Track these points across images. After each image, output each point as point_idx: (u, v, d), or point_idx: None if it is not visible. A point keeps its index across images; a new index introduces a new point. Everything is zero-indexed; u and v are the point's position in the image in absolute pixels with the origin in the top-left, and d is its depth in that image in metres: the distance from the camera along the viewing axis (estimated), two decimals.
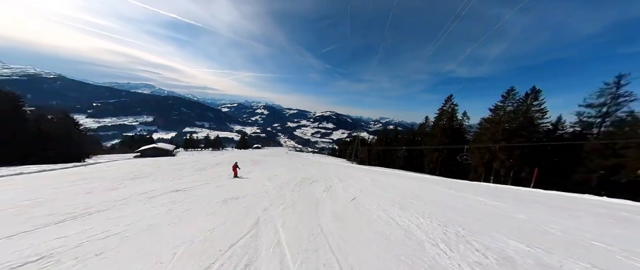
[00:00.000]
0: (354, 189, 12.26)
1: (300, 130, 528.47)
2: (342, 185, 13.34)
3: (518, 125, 24.06)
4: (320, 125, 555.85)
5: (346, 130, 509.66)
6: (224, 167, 20.73)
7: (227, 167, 20.70)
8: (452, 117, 36.40)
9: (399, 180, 17.44)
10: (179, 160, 27.94)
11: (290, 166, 23.42)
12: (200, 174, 16.64)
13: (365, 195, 10.72)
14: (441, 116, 38.22)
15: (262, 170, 20.39)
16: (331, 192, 11.07)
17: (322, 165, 26.81)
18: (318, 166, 25.62)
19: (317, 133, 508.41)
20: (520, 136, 23.85)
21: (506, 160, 24.12)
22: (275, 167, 22.25)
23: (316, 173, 18.53)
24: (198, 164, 21.95)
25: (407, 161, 39.71)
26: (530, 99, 24.87)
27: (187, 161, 25.27)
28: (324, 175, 17.92)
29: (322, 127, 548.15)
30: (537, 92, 24.56)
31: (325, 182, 14.17)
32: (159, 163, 22.67)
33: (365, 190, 12.01)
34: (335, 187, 12.56)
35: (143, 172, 16.39)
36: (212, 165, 21.08)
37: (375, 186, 13.42)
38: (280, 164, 24.00)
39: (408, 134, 42.17)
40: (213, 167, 21.09)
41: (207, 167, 20.67)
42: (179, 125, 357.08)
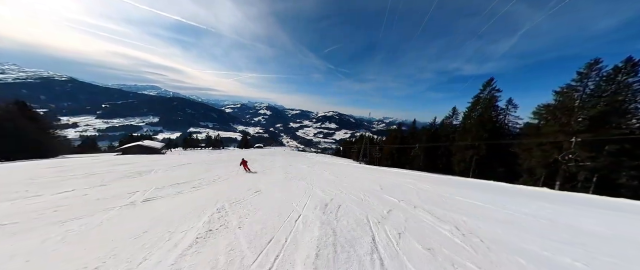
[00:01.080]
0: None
1: (302, 130, 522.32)
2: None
3: (607, 110, 16.40)
4: (323, 126, 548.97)
5: (349, 130, 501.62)
6: (174, 172, 13.56)
7: (193, 168, 14.06)
8: (492, 107, 28.67)
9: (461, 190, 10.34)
10: (148, 160, 21.26)
11: (286, 173, 16.08)
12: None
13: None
14: (475, 105, 30.32)
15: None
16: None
17: (332, 168, 19.55)
18: (327, 168, 18.47)
19: (319, 133, 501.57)
20: (608, 126, 16.51)
21: (588, 160, 16.62)
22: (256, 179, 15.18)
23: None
24: (149, 166, 14.97)
25: (429, 161, 32.30)
26: (623, 74, 17.15)
27: (144, 163, 18.56)
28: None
29: (324, 127, 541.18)
30: (635, 64, 16.85)
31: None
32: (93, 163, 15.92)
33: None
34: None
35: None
36: (164, 168, 14.30)
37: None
38: (268, 169, 17.13)
39: (428, 131, 34.82)
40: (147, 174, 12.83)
41: (144, 173, 12.93)
42: (183, 125, 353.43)
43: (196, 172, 12.61)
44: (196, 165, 15.12)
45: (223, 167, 14.99)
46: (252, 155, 32.89)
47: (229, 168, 14.44)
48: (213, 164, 16.19)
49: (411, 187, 11.13)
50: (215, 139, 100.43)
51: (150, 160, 16.79)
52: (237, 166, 14.50)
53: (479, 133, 26.60)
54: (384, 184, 11.72)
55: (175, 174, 12.11)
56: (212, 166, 15.27)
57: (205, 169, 13.89)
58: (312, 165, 20.08)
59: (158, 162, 15.96)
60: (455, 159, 29.11)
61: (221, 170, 13.45)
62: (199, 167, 14.69)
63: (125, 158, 19.80)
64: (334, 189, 9.69)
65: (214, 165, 15.56)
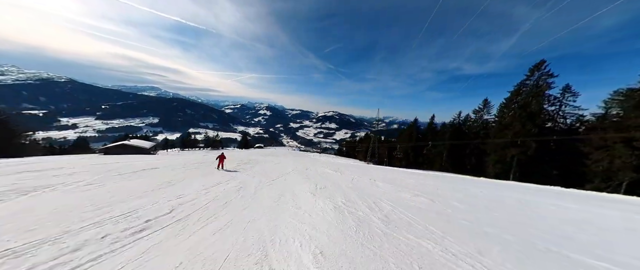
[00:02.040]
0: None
1: (302, 130, 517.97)
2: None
3: None
4: (323, 126, 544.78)
5: (349, 130, 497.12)
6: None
7: (156, 178, 9.54)
8: (541, 96, 22.80)
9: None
10: (108, 162, 16.70)
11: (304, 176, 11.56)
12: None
13: None
14: (516, 95, 24.63)
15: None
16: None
17: (361, 171, 14.93)
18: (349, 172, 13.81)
19: (319, 133, 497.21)
20: None
21: None
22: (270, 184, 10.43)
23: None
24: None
25: (454, 161, 27.38)
26: None
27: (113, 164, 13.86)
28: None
29: (324, 127, 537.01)
30: None
31: None
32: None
33: None
34: None
35: None
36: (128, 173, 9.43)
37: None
38: (281, 170, 12.55)
39: (452, 127, 29.81)
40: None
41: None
42: (183, 126, 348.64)
43: (146, 189, 6.93)
44: (166, 172, 9.83)
45: (203, 176, 9.20)
46: (253, 155, 28.29)
47: (212, 178, 8.89)
48: (193, 170, 10.98)
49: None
50: (214, 139, 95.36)
51: (112, 162, 12.06)
52: (227, 172, 10.06)
53: (525, 128, 21.70)
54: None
55: (96, 193, 6.60)
56: (188, 173, 9.73)
57: (171, 180, 7.70)
58: (336, 168, 15.52)
59: (115, 165, 11.22)
60: (490, 159, 24.09)
61: (196, 184, 7.67)
62: (166, 175, 8.80)
63: (85, 159, 15.07)
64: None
65: (194, 172, 10.34)
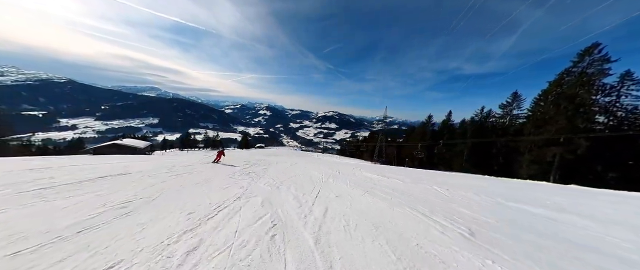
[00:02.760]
0: None
1: (302, 130, 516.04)
2: None
3: None
4: (323, 126, 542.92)
5: (349, 130, 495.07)
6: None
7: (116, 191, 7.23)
8: (592, 85, 19.85)
9: None
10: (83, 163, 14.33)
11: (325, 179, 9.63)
12: None
13: None
14: (557, 85, 21.52)
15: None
16: None
17: (389, 173, 12.80)
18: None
19: (319, 133, 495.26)
20: None
21: None
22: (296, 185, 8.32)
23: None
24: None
25: (477, 161, 25.08)
26: None
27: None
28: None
29: (324, 127, 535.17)
30: None
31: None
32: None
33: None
34: None
35: None
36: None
37: None
38: (295, 172, 10.51)
39: (472, 124, 27.34)
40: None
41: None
42: (183, 126, 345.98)
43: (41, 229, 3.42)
44: (136, 181, 7.03)
45: (193, 188, 6.68)
46: (256, 155, 26.19)
47: (209, 194, 6.12)
48: (181, 177, 8.08)
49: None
50: (214, 139, 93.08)
51: (71, 165, 9.41)
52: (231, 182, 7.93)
53: (572, 123, 19.08)
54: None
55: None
56: (171, 184, 6.99)
57: (131, 200, 5.08)
58: (378, 172, 13.46)
59: (70, 169, 8.58)
60: (525, 159, 21.85)
61: (174, 212, 4.51)
62: (132, 187, 6.20)
63: (46, 161, 12.83)
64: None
65: (181, 181, 7.50)
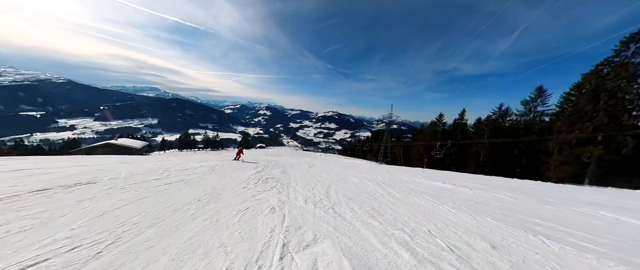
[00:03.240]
0: None
1: (302, 130, 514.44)
2: None
3: None
4: (323, 126, 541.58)
5: (349, 130, 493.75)
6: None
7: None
8: (638, 75, 17.38)
9: None
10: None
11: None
12: None
13: None
14: (593, 77, 19.37)
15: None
16: None
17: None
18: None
19: (319, 133, 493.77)
20: None
21: None
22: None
23: None
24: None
25: (496, 162, 23.25)
26: None
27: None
28: None
29: (324, 127, 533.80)
30: None
31: None
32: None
33: None
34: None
35: None
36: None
37: None
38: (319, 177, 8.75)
39: (491, 123, 25.06)
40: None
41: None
42: (183, 127, 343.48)
43: None
44: (108, 197, 4.54)
45: (187, 221, 3.51)
46: (260, 155, 24.46)
47: (216, 233, 3.12)
48: (168, 192, 5.27)
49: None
50: (214, 139, 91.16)
51: (42, 167, 7.31)
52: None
53: (614, 120, 16.93)
54: None
55: None
56: (145, 206, 4.14)
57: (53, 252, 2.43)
58: (383, 172, 11.63)
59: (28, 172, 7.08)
60: (554, 160, 19.73)
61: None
62: (82, 213, 3.60)
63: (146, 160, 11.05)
64: None
65: (168, 197, 4.82)
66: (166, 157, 17.46)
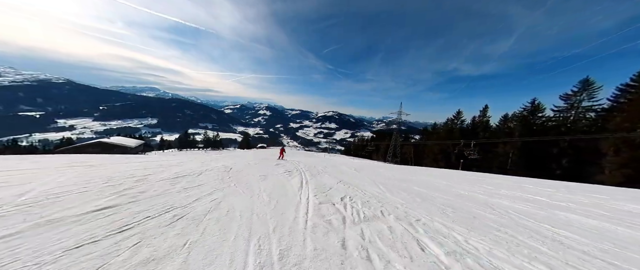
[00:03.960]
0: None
1: (302, 130, 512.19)
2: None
3: None
4: (323, 126, 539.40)
5: (349, 130, 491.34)
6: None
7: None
8: None
9: None
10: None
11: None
12: None
13: None
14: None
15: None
16: None
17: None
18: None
19: (319, 133, 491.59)
20: None
21: None
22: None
23: None
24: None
25: (528, 162, 20.64)
26: None
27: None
28: None
29: (324, 127, 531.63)
30: None
31: None
32: None
33: None
34: None
35: None
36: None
37: None
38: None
39: (523, 118, 22.08)
40: None
41: None
42: (182, 127, 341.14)
43: None
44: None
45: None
46: (262, 155, 22.11)
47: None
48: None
49: None
50: (214, 139, 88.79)
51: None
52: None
53: None
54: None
55: None
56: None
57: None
58: (425, 177, 9.29)
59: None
60: (609, 162, 16.79)
61: None
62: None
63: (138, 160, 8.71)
64: None
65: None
66: (161, 157, 15.07)
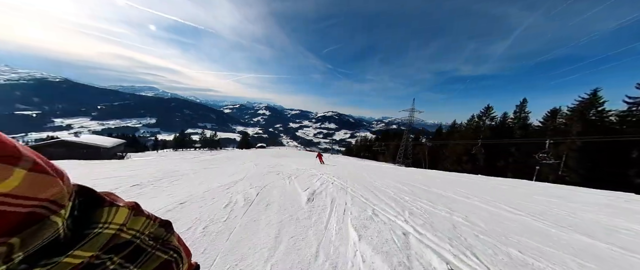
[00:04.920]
0: None
1: (302, 130, 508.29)
2: None
3: None
4: (323, 126, 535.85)
5: (349, 130, 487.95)
6: None
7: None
8: None
9: None
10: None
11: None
12: None
13: None
14: None
15: None
16: None
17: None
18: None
19: (319, 133, 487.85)
20: None
21: None
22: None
23: None
24: None
25: (588, 167, 16.15)
26: None
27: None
28: None
29: (324, 127, 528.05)
30: None
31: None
32: None
33: None
34: None
35: None
36: None
37: None
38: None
39: (579, 115, 17.68)
40: None
41: None
42: (181, 126, 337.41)
43: None
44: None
45: None
46: (264, 155, 18.51)
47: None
48: None
49: None
50: (211, 138, 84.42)
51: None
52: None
53: None
54: None
55: None
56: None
57: None
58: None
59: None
60: None
61: None
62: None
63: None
64: None
65: None
66: (138, 164, 11.17)
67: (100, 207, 0.28)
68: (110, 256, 0.27)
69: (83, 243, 0.24)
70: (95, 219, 0.27)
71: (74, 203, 0.24)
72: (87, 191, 0.28)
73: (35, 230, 0.18)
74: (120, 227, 0.29)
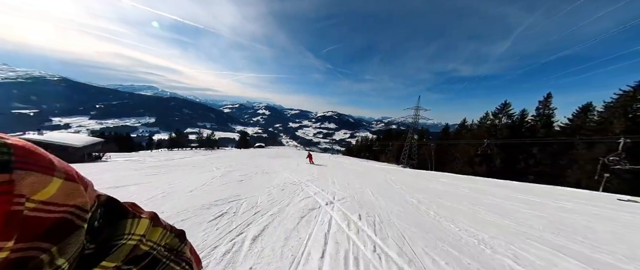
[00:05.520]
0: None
1: (302, 130, 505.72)
2: None
3: None
4: (322, 126, 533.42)
5: (349, 130, 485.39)
6: None
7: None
8: None
9: None
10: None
11: None
12: None
13: None
14: None
15: None
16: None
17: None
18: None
19: (319, 133, 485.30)
20: None
21: None
22: None
23: None
24: None
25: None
26: None
27: None
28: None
29: (324, 127, 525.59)
30: None
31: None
32: None
33: None
34: None
35: None
36: None
37: None
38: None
39: (622, 109, 15.04)
40: None
41: None
42: (180, 125, 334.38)
43: None
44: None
45: None
46: (266, 156, 16.23)
47: None
48: None
49: None
50: (209, 138, 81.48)
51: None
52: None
53: None
54: None
55: None
56: None
57: None
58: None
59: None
60: None
61: None
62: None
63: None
64: None
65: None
66: (118, 165, 8.77)
67: (125, 218, 0.29)
68: (129, 267, 0.27)
69: (110, 253, 0.24)
70: (121, 230, 0.27)
71: (96, 213, 0.25)
72: (112, 201, 0.29)
73: (68, 236, 0.19)
74: (141, 238, 0.30)
